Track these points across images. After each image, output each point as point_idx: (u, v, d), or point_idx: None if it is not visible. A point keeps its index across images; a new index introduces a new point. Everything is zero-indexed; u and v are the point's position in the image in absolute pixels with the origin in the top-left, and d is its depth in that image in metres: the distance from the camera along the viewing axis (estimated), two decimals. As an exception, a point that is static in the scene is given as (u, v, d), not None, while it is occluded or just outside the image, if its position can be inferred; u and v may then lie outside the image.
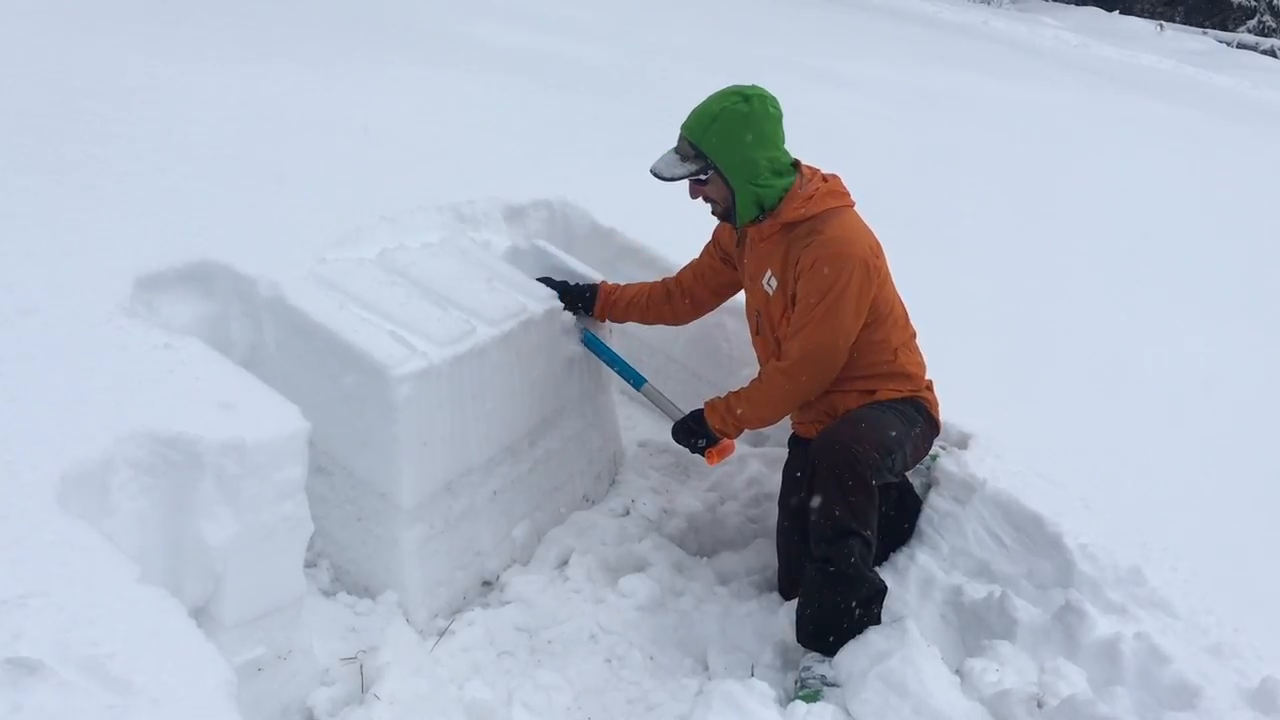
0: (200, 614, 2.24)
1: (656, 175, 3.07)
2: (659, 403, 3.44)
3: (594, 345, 3.51)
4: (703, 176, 3.05)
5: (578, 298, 3.49)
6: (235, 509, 2.25)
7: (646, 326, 3.66)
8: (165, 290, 2.74)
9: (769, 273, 3.13)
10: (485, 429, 3.07)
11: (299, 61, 5.19)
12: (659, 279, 3.57)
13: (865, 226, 3.08)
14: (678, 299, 3.52)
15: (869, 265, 2.99)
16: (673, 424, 3.31)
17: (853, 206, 3.12)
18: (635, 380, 3.48)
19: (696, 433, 3.21)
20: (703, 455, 3.24)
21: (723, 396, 3.19)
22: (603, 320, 3.58)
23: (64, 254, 2.70)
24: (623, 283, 3.59)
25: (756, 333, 3.32)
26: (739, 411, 3.13)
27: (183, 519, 2.20)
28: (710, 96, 3.04)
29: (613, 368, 3.55)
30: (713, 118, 2.98)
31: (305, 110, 4.41)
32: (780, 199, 3.05)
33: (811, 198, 3.03)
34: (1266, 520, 3.63)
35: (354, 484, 2.84)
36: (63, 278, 2.58)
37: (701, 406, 3.22)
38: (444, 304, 3.03)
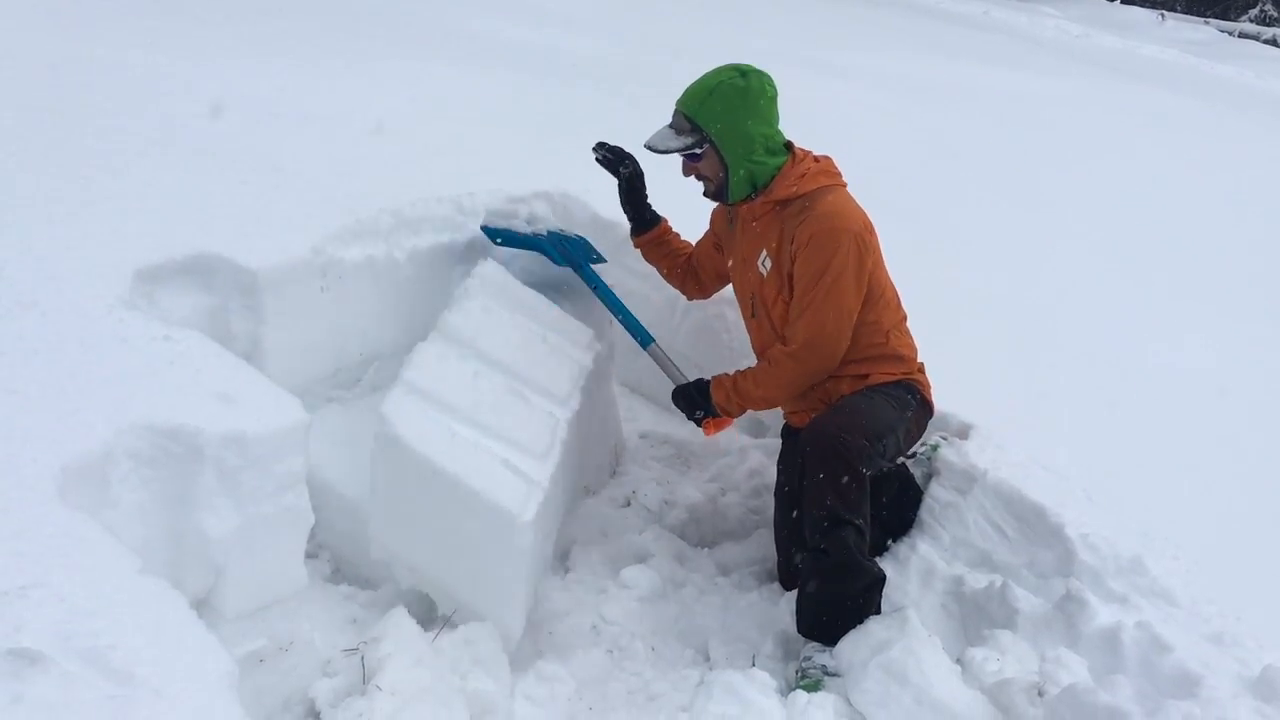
0: (201, 605, 2.25)
1: (651, 149, 3.08)
2: (663, 364, 3.43)
3: (605, 296, 3.48)
4: (697, 150, 3.04)
5: (637, 200, 3.45)
6: (236, 501, 2.25)
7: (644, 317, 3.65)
8: (165, 283, 2.73)
9: (763, 253, 3.13)
10: (556, 506, 3.11)
11: (299, 56, 5.19)
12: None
13: (858, 204, 3.09)
14: (689, 275, 3.56)
15: (864, 240, 3.00)
16: (674, 387, 3.31)
17: (845, 187, 3.12)
18: (642, 338, 3.45)
19: (698, 403, 3.22)
20: (699, 425, 3.26)
21: (730, 374, 3.20)
22: (636, 247, 3.59)
23: (64, 247, 2.70)
24: (626, 272, 3.58)
25: (751, 315, 3.31)
26: (745, 391, 3.15)
27: (184, 511, 2.21)
28: (707, 73, 3.05)
29: (618, 319, 3.51)
30: (709, 91, 2.99)
31: (305, 104, 4.40)
32: (772, 177, 3.06)
33: (804, 176, 3.05)
34: (1268, 510, 3.63)
35: (461, 611, 2.78)
36: (63, 271, 2.58)
37: (706, 377, 3.24)
38: (521, 389, 2.99)
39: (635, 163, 3.41)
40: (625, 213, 3.51)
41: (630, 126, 3.47)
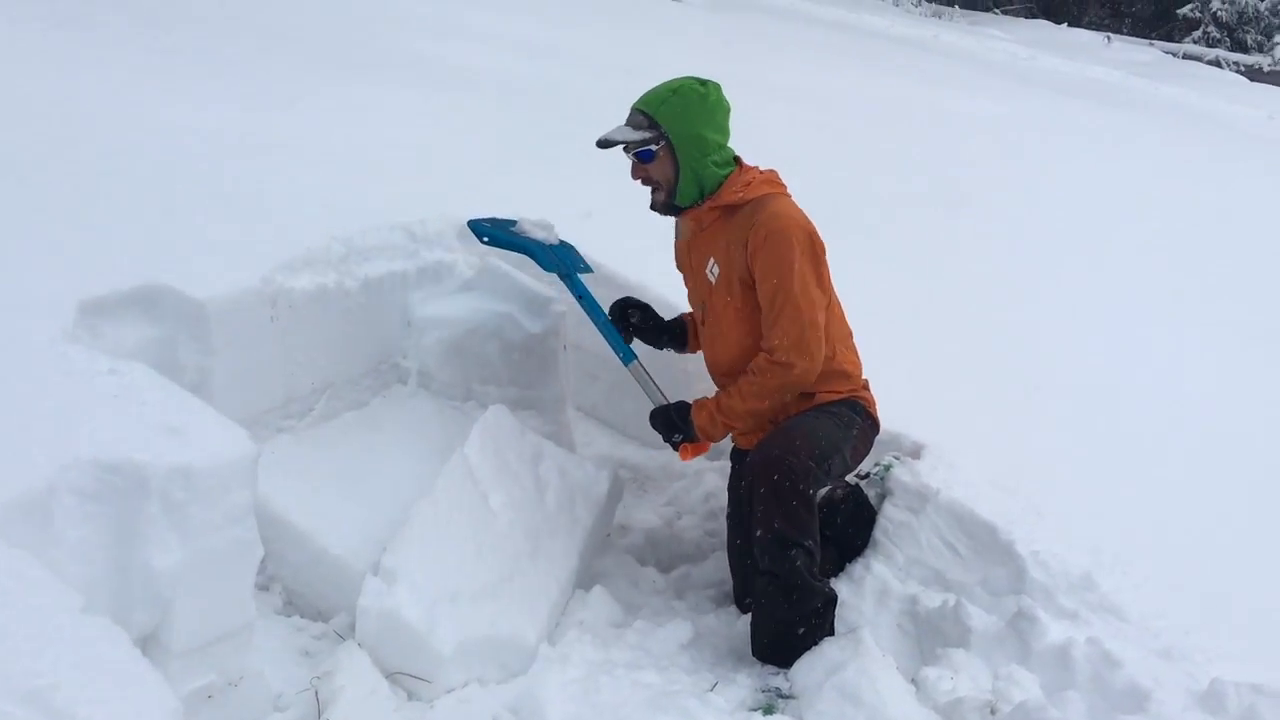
0: (148, 642, 2.21)
1: (606, 143, 3.10)
2: (644, 384, 3.41)
3: (590, 307, 3.45)
4: (653, 147, 3.08)
5: (663, 332, 3.51)
6: (183, 535, 2.22)
7: (602, 341, 3.66)
8: (110, 315, 2.69)
9: (711, 260, 3.17)
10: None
11: (246, 85, 5.15)
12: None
13: (803, 211, 3.13)
14: None
15: (815, 238, 3.06)
16: (652, 408, 3.30)
17: (790, 196, 3.18)
18: (624, 355, 3.42)
19: (677, 426, 3.20)
20: (675, 449, 3.25)
21: (711, 397, 3.19)
22: (694, 351, 3.56)
23: (6, 279, 2.66)
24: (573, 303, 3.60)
25: (703, 323, 3.33)
26: (730, 408, 3.11)
27: (129, 546, 2.17)
28: (667, 79, 3.13)
29: (601, 332, 3.47)
30: (671, 91, 3.06)
31: (253, 133, 4.37)
32: (719, 185, 3.10)
33: (749, 184, 3.11)
34: (1215, 523, 3.68)
35: None
36: (4, 303, 2.55)
37: (688, 401, 3.22)
38: (545, 591, 3.05)
39: (629, 306, 3.48)
40: (668, 346, 3.55)
41: (585, 148, 3.48)
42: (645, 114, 3.07)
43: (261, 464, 2.50)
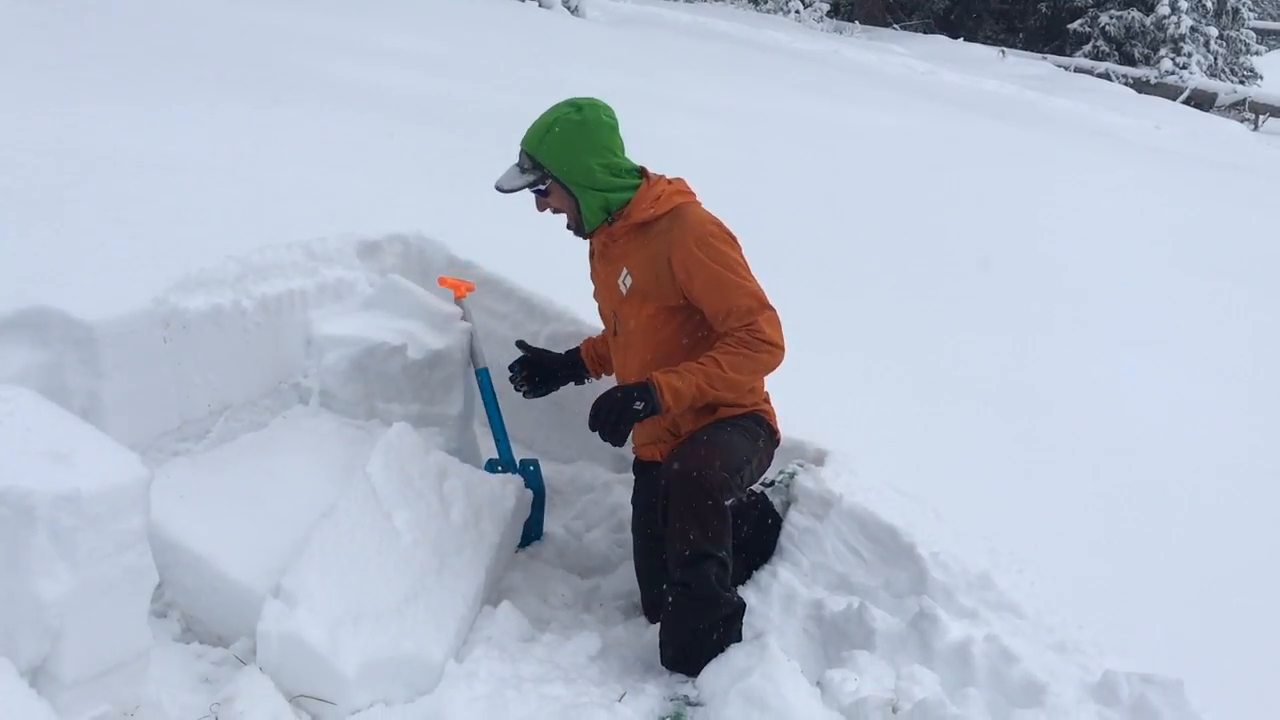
0: (37, 673, 2.15)
1: (499, 189, 3.16)
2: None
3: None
4: (541, 186, 3.14)
5: (560, 368, 3.62)
6: (72, 563, 2.17)
7: (504, 358, 3.67)
8: (-8, 339, 2.63)
9: (624, 271, 3.19)
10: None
11: (141, 103, 5.05)
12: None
13: (715, 216, 3.18)
14: None
15: (734, 236, 3.13)
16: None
17: (700, 204, 3.22)
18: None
19: (633, 399, 2.96)
20: (636, 418, 2.97)
21: (680, 368, 2.98)
22: (598, 377, 3.66)
23: (-118, 305, 2.58)
24: (481, 318, 3.59)
25: (614, 334, 3.34)
26: (720, 377, 2.96)
27: (15, 576, 2.12)
28: (545, 110, 3.14)
29: (491, 426, 3.66)
30: (546, 128, 3.08)
31: (148, 151, 4.27)
32: (627, 202, 3.13)
33: (659, 198, 3.14)
34: (1106, 520, 3.79)
35: None
36: (-120, 330, 2.47)
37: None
38: (451, 608, 3.00)
39: (528, 361, 3.61)
40: (572, 379, 3.66)
41: (487, 165, 3.48)
42: (528, 154, 3.13)
43: (157, 488, 2.47)
